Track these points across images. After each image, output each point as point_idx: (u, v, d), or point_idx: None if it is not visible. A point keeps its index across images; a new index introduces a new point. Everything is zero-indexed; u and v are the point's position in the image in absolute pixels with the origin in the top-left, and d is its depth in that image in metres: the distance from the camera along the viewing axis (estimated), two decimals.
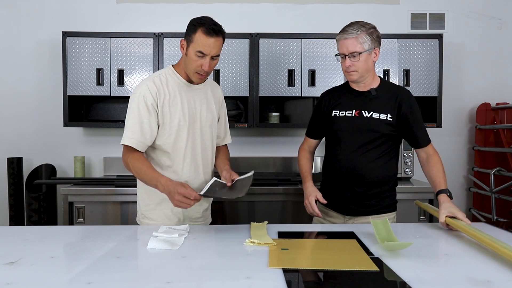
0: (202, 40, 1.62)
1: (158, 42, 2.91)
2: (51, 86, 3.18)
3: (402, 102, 1.81)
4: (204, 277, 1.11)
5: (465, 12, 3.30)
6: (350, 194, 1.86)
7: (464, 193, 3.38)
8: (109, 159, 3.16)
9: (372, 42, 1.76)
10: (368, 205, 1.85)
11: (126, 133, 1.71)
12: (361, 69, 1.78)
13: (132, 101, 1.73)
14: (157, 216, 1.81)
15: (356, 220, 1.87)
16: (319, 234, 1.59)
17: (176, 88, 1.76)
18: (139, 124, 1.70)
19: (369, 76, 1.84)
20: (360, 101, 1.85)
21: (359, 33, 1.74)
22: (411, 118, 1.82)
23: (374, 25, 1.80)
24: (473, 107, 3.31)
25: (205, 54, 1.65)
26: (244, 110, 3.09)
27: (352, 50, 1.74)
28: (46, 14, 3.19)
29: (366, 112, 1.82)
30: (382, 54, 2.96)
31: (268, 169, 3.21)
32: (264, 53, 2.95)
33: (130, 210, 2.64)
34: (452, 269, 1.17)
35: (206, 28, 1.62)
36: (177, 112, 1.74)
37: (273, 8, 3.25)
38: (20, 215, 3.05)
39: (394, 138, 1.85)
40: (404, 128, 1.84)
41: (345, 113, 1.86)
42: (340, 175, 1.87)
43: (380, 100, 1.83)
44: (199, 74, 1.70)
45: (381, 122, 1.80)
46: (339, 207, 1.90)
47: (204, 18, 1.67)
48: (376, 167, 1.82)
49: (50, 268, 1.16)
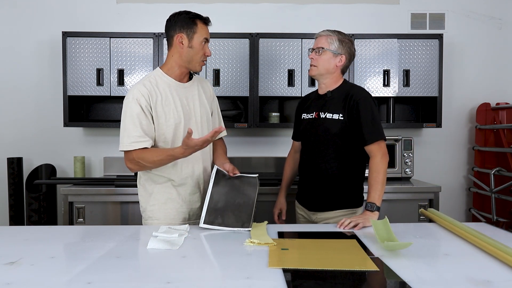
0: (204, 29, 1.79)
1: (158, 42, 2.91)
2: (51, 86, 3.18)
3: (351, 99, 1.87)
4: (204, 277, 1.11)
5: (465, 12, 3.30)
6: (311, 190, 1.98)
7: (464, 193, 3.38)
8: (109, 159, 3.16)
9: (339, 48, 1.89)
10: (327, 201, 1.93)
11: (127, 138, 1.72)
12: (321, 66, 1.90)
13: (126, 105, 1.76)
14: (163, 215, 1.81)
15: (318, 215, 1.95)
16: (319, 234, 1.59)
17: (167, 88, 1.79)
18: (140, 126, 1.72)
19: (330, 78, 1.93)
20: (319, 104, 1.97)
21: (330, 35, 1.90)
22: (356, 113, 1.84)
23: (351, 39, 1.95)
24: (473, 107, 3.31)
25: (208, 41, 1.81)
26: (244, 110, 3.09)
27: (319, 45, 1.90)
28: (46, 14, 3.19)
29: (322, 113, 1.93)
30: (382, 54, 2.97)
31: (268, 169, 3.21)
32: (264, 53, 2.95)
33: (130, 210, 2.65)
34: (452, 269, 1.17)
35: (203, 19, 1.80)
36: (171, 111, 1.77)
37: (273, 8, 3.25)
38: (20, 215, 3.05)
39: (347, 137, 1.88)
40: (352, 123, 1.87)
41: (309, 116, 2.00)
42: (304, 172, 2.02)
43: (334, 101, 1.92)
44: (203, 62, 1.82)
45: (334, 122, 1.88)
46: (305, 203, 2.03)
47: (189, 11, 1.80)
48: (331, 166, 1.90)
49: (50, 268, 1.16)
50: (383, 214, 1.70)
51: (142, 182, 1.88)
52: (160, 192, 1.82)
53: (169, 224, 1.76)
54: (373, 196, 1.75)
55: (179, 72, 1.82)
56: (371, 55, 2.97)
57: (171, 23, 1.79)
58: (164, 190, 1.82)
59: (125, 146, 1.73)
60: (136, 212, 2.61)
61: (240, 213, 1.64)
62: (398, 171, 2.91)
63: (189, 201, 1.84)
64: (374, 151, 1.83)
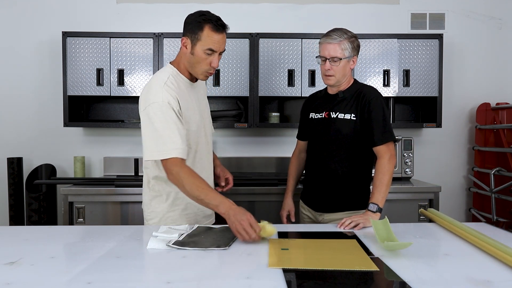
0: (211, 37, 1.58)
1: (158, 42, 2.91)
2: (51, 86, 3.18)
3: (363, 99, 1.85)
4: (204, 277, 1.11)
5: (465, 12, 3.30)
6: (319, 190, 1.96)
7: (464, 193, 3.38)
8: (109, 159, 3.16)
9: (352, 50, 1.85)
10: (336, 202, 1.91)
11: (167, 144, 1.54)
12: (339, 74, 1.86)
13: (156, 110, 1.56)
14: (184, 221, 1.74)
15: (326, 216, 1.93)
16: (319, 234, 1.59)
17: (185, 90, 1.69)
18: (177, 131, 1.56)
19: (345, 81, 1.91)
20: (330, 104, 1.94)
21: (342, 40, 1.82)
22: (368, 113, 1.83)
23: (355, 34, 1.89)
24: (473, 107, 3.31)
25: (215, 51, 1.61)
26: (244, 110, 3.09)
27: (334, 55, 1.83)
28: (46, 14, 3.19)
29: (333, 113, 1.91)
30: (382, 54, 2.97)
31: (268, 169, 3.21)
32: (264, 53, 2.95)
33: (130, 210, 2.64)
34: (452, 269, 1.17)
35: (213, 25, 1.58)
36: (192, 116, 1.68)
37: (273, 8, 3.25)
38: (20, 215, 3.05)
39: (359, 137, 1.87)
40: (363, 124, 1.85)
41: (318, 115, 1.97)
42: (311, 173, 2.00)
43: (346, 101, 1.90)
44: (208, 72, 1.66)
45: (345, 122, 1.87)
46: (312, 203, 2.00)
47: (206, 13, 1.61)
48: (342, 166, 1.89)
49: (50, 268, 1.16)
50: (383, 214, 1.71)
51: (155, 187, 1.73)
52: (180, 197, 1.71)
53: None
54: (377, 197, 1.74)
55: (188, 72, 1.72)
56: (371, 55, 2.97)
57: (185, 23, 1.65)
58: (184, 195, 1.64)
59: (164, 154, 1.54)
60: (136, 212, 2.61)
61: (217, 238, 1.44)
62: (398, 171, 2.92)
63: None
64: (382, 152, 1.81)
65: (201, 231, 1.53)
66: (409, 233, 1.57)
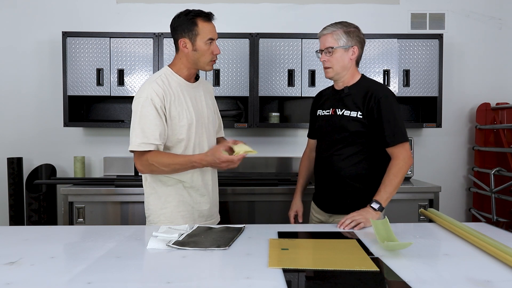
0: (207, 28, 1.73)
1: (158, 42, 2.91)
2: (51, 86, 3.18)
3: (371, 97, 1.77)
4: (204, 277, 1.11)
5: (465, 12, 3.30)
6: (327, 191, 1.92)
7: (464, 193, 3.38)
8: (109, 159, 3.16)
9: (348, 40, 1.80)
10: (344, 203, 1.85)
11: (139, 138, 1.67)
12: (336, 65, 1.81)
13: (138, 104, 1.70)
14: (176, 218, 1.79)
15: (336, 218, 1.86)
16: (319, 234, 1.59)
17: (178, 88, 1.76)
18: (153, 126, 1.67)
19: (347, 74, 1.85)
20: (336, 100, 1.89)
21: (335, 30, 1.80)
22: (377, 113, 1.76)
23: (357, 26, 1.84)
24: (473, 107, 3.31)
25: (213, 39, 1.74)
26: (244, 110, 3.09)
27: (327, 45, 1.81)
28: (46, 14, 3.19)
29: (339, 110, 1.85)
30: (382, 54, 2.97)
31: (268, 169, 3.21)
32: (264, 53, 2.95)
33: (130, 210, 2.64)
34: (452, 269, 1.17)
35: (204, 17, 1.73)
36: (184, 112, 1.75)
37: (273, 8, 3.25)
38: (20, 215, 3.05)
39: (366, 136, 1.81)
40: (372, 123, 1.79)
41: (325, 112, 1.92)
42: (319, 173, 1.95)
43: (352, 98, 1.83)
44: (213, 61, 1.78)
45: (351, 120, 1.80)
46: (321, 204, 1.96)
47: (191, 10, 1.74)
48: (348, 166, 1.83)
49: (50, 268, 1.16)
50: (383, 214, 1.71)
51: (151, 184, 1.82)
52: (172, 194, 1.78)
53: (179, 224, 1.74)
54: (382, 196, 1.69)
55: (187, 73, 1.80)
56: (371, 55, 2.97)
57: (173, 28, 1.76)
58: (176, 192, 1.79)
59: (136, 146, 1.68)
60: (136, 212, 2.61)
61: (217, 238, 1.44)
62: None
63: (199, 203, 1.83)
64: (397, 153, 1.75)
65: (201, 231, 1.53)
66: (409, 233, 1.57)
